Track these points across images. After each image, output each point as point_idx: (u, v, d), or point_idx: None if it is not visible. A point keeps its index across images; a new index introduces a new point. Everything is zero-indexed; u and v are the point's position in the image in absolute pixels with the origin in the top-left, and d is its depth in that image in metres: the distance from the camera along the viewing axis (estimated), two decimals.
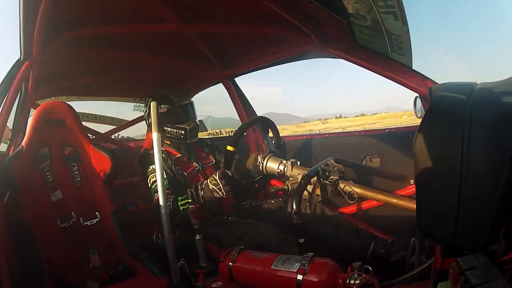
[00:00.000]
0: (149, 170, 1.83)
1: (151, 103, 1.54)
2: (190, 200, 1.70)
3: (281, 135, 2.02)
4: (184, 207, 1.68)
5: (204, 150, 2.13)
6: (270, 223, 1.69)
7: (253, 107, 2.48)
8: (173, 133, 1.94)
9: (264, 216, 1.80)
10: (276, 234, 1.55)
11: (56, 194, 1.62)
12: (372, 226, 1.69)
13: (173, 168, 1.88)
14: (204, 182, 1.72)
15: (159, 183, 1.43)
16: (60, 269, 1.49)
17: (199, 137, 2.10)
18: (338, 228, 1.58)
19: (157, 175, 1.44)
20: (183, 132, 1.94)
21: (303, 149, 2.26)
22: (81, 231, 1.62)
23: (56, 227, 1.57)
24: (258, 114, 2.43)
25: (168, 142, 2.00)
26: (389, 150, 1.83)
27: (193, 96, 2.69)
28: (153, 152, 1.48)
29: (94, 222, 1.65)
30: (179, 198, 1.71)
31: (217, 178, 1.66)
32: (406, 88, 1.33)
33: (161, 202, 1.43)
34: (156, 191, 1.48)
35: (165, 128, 1.93)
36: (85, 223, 1.63)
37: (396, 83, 1.37)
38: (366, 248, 1.48)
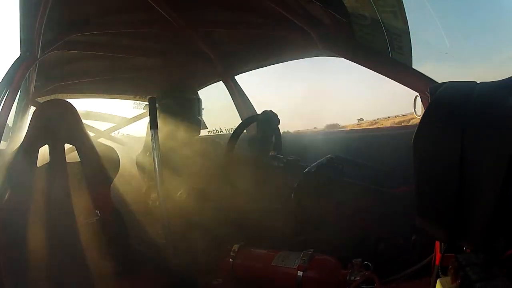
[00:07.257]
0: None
1: (149, 99, 1.51)
2: None
3: None
4: None
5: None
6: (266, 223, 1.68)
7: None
8: None
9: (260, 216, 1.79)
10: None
11: (50, 195, 1.53)
12: (371, 222, 1.70)
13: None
14: None
15: (158, 181, 1.43)
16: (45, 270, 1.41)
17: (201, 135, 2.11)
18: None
19: (155, 173, 1.43)
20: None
21: (303, 146, 2.26)
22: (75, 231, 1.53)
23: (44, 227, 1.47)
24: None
25: None
26: (389, 148, 1.84)
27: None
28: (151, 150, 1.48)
29: (94, 220, 1.59)
30: None
31: None
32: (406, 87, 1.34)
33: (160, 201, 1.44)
34: None
35: None
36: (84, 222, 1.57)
37: (395, 82, 1.38)
38: None
